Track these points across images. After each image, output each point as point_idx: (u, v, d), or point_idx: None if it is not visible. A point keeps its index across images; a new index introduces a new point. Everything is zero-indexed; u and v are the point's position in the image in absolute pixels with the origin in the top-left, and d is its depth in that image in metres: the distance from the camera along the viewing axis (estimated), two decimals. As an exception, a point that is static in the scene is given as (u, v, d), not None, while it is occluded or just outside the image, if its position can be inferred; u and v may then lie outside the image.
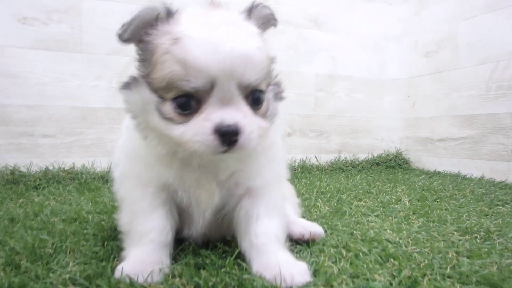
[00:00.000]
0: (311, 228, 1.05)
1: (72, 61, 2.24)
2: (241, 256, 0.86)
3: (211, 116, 0.71)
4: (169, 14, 0.77)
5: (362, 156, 3.07)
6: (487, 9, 2.45)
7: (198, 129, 0.72)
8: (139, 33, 0.77)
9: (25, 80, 2.13)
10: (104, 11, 2.30)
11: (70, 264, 0.81)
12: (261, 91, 0.78)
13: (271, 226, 0.87)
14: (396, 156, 3.10)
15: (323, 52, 2.98)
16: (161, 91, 0.74)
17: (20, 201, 1.50)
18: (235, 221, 0.91)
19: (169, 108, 0.73)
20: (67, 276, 0.72)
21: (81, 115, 2.26)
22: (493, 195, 1.77)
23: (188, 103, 0.73)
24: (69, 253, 0.89)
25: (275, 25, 0.90)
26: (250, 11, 0.83)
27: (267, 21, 0.87)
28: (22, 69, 2.13)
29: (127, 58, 2.30)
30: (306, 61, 2.92)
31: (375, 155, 3.09)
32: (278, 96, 0.87)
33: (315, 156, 2.90)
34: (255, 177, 0.89)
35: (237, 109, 0.73)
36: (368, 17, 3.12)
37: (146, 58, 0.77)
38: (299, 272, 0.77)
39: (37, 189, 1.81)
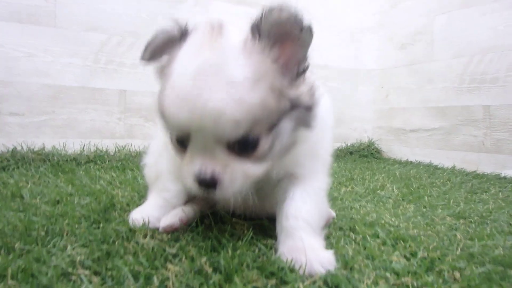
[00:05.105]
0: None
1: (45, 36, 2.06)
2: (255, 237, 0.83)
3: (192, 162, 0.70)
4: (183, 35, 0.74)
5: (336, 145, 3.09)
6: (463, 5, 2.51)
7: (185, 172, 0.72)
8: (159, 54, 0.76)
9: (-8, 53, 1.95)
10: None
11: (69, 247, 0.74)
12: (253, 136, 0.69)
13: (303, 210, 0.81)
14: (368, 146, 3.14)
15: (301, 40, 2.96)
16: None
17: (-9, 182, 1.37)
18: (275, 201, 0.87)
19: (172, 137, 0.75)
20: (77, 258, 0.65)
21: (52, 93, 2.09)
22: (470, 184, 1.84)
23: (181, 140, 0.72)
24: (65, 236, 0.81)
25: (300, 35, 0.71)
26: (258, 27, 0.69)
27: (285, 32, 0.70)
28: (-11, 42, 1.94)
29: (104, 36, 2.15)
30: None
31: (349, 144, 3.12)
32: (304, 123, 0.75)
33: (291, 144, 2.88)
34: (296, 165, 0.85)
35: (217, 159, 0.69)
36: (345, 8, 3.13)
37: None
38: (320, 260, 0.72)
39: (5, 170, 1.66)
